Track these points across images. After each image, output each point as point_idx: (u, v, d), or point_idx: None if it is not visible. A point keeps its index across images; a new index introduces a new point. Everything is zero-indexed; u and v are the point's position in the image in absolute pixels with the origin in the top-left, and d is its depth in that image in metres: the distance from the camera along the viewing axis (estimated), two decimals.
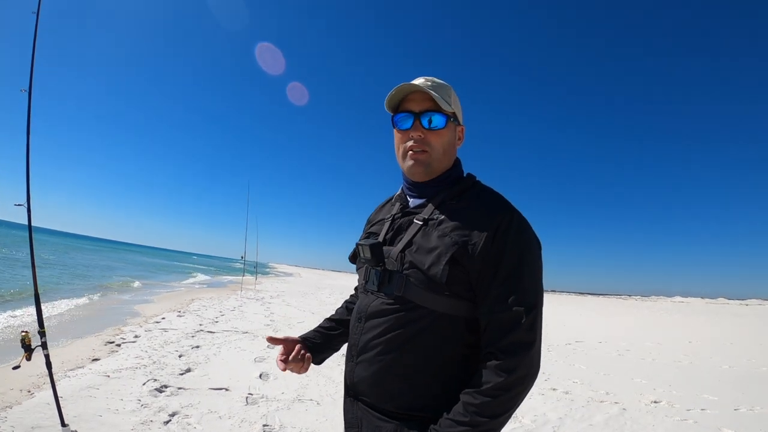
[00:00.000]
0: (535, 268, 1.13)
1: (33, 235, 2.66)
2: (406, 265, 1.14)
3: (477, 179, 1.29)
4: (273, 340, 1.34)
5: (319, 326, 1.51)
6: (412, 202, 1.28)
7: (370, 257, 1.20)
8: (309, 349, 1.40)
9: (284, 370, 1.32)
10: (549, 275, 1.16)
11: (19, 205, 2.53)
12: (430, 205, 1.21)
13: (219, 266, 61.53)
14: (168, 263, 48.35)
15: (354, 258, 1.37)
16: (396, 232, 1.24)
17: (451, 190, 1.23)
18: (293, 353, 1.34)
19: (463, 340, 1.12)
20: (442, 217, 1.17)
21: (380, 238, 1.25)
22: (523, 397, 1.05)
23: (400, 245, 1.18)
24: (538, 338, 1.08)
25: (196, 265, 54.21)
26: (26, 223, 2.64)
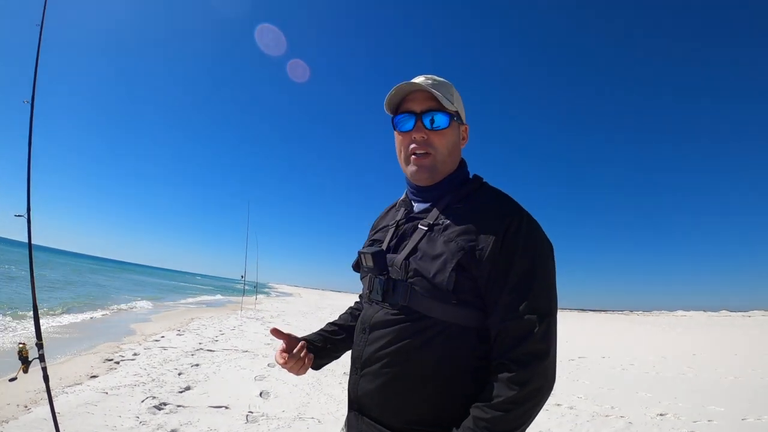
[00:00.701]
0: (548, 272, 1.08)
1: (32, 248, 2.65)
2: (410, 274, 1.10)
3: (484, 180, 1.24)
4: (277, 333, 1.29)
5: (322, 330, 1.46)
6: (417, 206, 1.24)
7: (372, 266, 1.16)
8: (310, 352, 1.35)
9: (284, 365, 1.26)
10: None
11: (19, 215, 2.52)
12: (435, 209, 1.17)
13: (221, 286, 61.21)
14: (170, 283, 48.06)
15: (357, 266, 1.31)
16: (400, 238, 1.19)
17: (457, 192, 1.19)
18: (296, 350, 1.28)
19: (474, 351, 1.06)
20: (448, 221, 1.12)
21: (384, 246, 1.21)
22: (537, 411, 0.99)
23: (404, 252, 1.14)
24: (553, 348, 1.03)
25: (199, 286, 53.98)
26: (27, 240, 2.64)
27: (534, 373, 0.97)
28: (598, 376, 7.61)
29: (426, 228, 1.14)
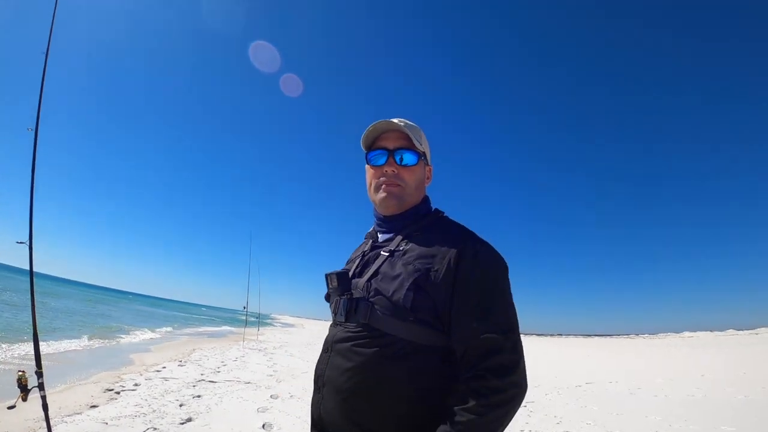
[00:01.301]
0: (505, 289, 1.17)
1: (34, 275, 2.65)
2: (371, 293, 1.19)
3: (444, 214, 1.36)
4: None
5: None
6: (381, 237, 1.36)
7: (336, 285, 1.26)
8: None
9: None
10: (553, 319, 1.14)
11: (20, 242, 2.54)
12: (397, 237, 1.28)
13: (224, 317, 60.64)
14: (173, 314, 47.55)
15: (328, 297, 1.39)
16: (364, 265, 1.29)
17: (419, 223, 1.30)
18: None
19: (434, 370, 1.11)
20: (408, 247, 1.23)
21: (350, 273, 1.30)
22: (511, 417, 1.05)
23: (366, 276, 1.23)
24: (522, 360, 1.09)
25: (201, 316, 53.54)
26: (28, 267, 2.65)
27: (507, 381, 1.03)
28: (606, 402, 7.48)
29: (387, 254, 1.25)
